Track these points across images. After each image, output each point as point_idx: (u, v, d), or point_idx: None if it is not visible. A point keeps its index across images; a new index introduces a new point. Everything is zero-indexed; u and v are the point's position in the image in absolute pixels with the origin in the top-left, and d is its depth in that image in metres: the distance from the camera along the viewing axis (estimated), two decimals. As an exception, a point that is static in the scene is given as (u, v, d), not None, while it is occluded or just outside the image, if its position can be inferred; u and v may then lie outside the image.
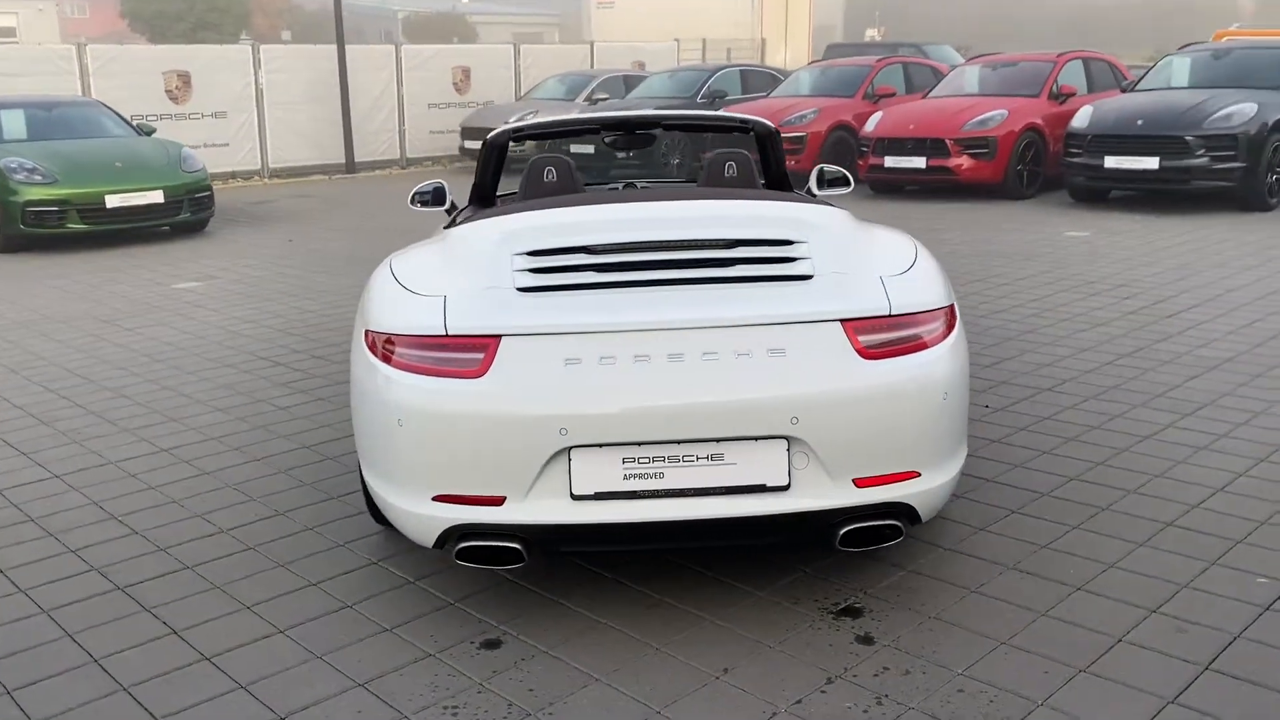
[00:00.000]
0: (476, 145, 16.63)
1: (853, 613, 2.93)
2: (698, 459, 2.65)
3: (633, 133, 4.79)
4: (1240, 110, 9.94)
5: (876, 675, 2.62)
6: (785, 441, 2.65)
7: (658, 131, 4.86)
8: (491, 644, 2.84)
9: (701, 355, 2.64)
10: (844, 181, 4.86)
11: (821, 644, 2.78)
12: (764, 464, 2.65)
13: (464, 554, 2.76)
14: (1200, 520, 3.42)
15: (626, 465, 2.65)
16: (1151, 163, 10.12)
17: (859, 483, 2.71)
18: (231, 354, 6.00)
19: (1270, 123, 9.95)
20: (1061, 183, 11.19)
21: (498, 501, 2.69)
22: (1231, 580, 3.02)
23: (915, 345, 2.77)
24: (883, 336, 2.74)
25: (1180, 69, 11.51)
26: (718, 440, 2.64)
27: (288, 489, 3.99)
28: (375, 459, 2.91)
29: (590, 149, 13.93)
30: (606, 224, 3.09)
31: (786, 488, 2.67)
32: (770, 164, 4.96)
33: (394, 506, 2.87)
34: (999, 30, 43.86)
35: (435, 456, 2.71)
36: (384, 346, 2.88)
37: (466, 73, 19.01)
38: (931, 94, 13.08)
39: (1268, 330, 5.69)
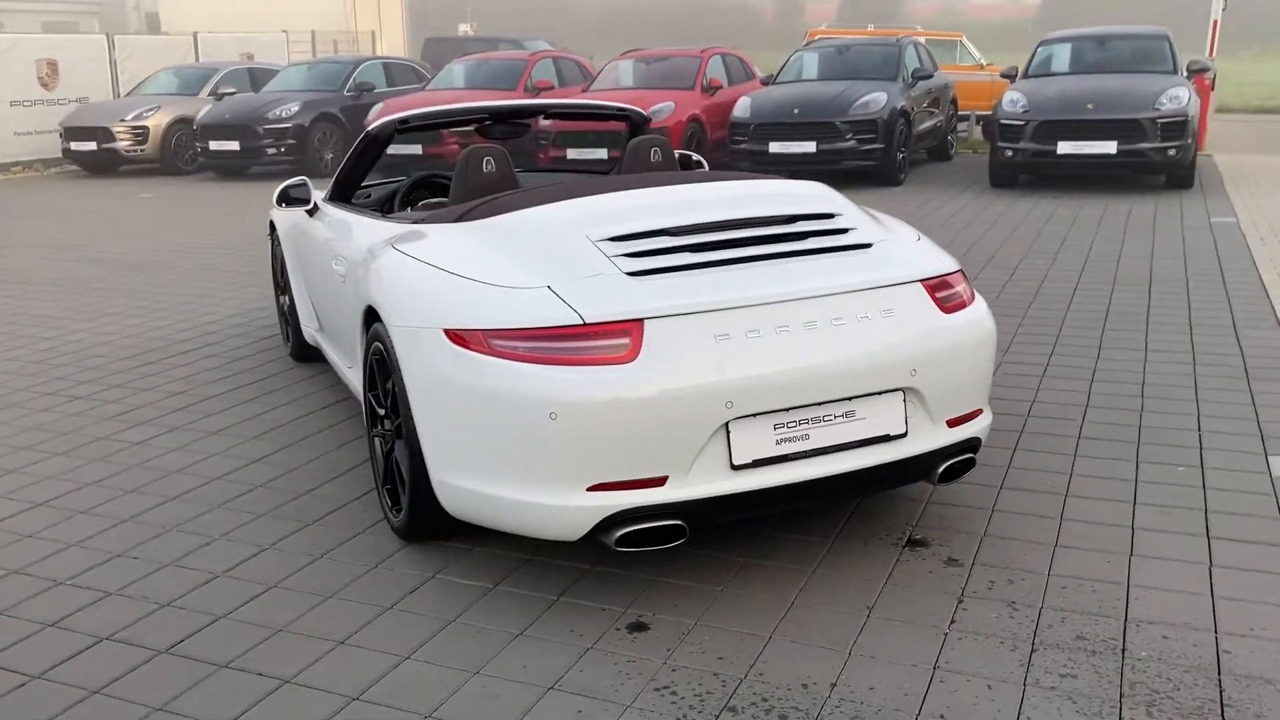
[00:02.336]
0: (86, 146, 14.94)
1: (921, 544, 3.28)
2: (835, 417, 2.86)
3: (511, 122, 4.80)
4: (875, 98, 11.47)
5: (991, 587, 2.99)
6: (902, 393, 2.94)
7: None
8: (637, 627, 2.86)
9: (830, 321, 2.85)
10: (700, 166, 5.20)
11: (922, 572, 3.10)
12: (887, 416, 2.92)
13: (625, 539, 2.76)
14: (1099, 432, 4.13)
15: (777, 431, 2.79)
16: (810, 147, 11.39)
17: (950, 423, 3.06)
18: None
19: (897, 108, 11.59)
20: (724, 169, 12.20)
21: (660, 482, 2.72)
22: (1163, 472, 3.74)
23: (966, 300, 3.16)
24: (947, 293, 3.10)
25: (810, 63, 13.01)
26: (850, 398, 2.86)
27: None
28: (510, 460, 2.79)
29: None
30: (669, 207, 3.17)
31: (905, 435, 2.96)
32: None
33: (534, 505, 2.78)
34: (575, 26, 46.03)
35: (593, 445, 2.68)
36: (494, 343, 2.78)
37: (54, 66, 16.94)
38: (592, 87, 13.69)
39: (1000, 281, 6.78)
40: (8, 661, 2.78)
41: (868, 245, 3.13)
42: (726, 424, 2.74)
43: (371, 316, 3.44)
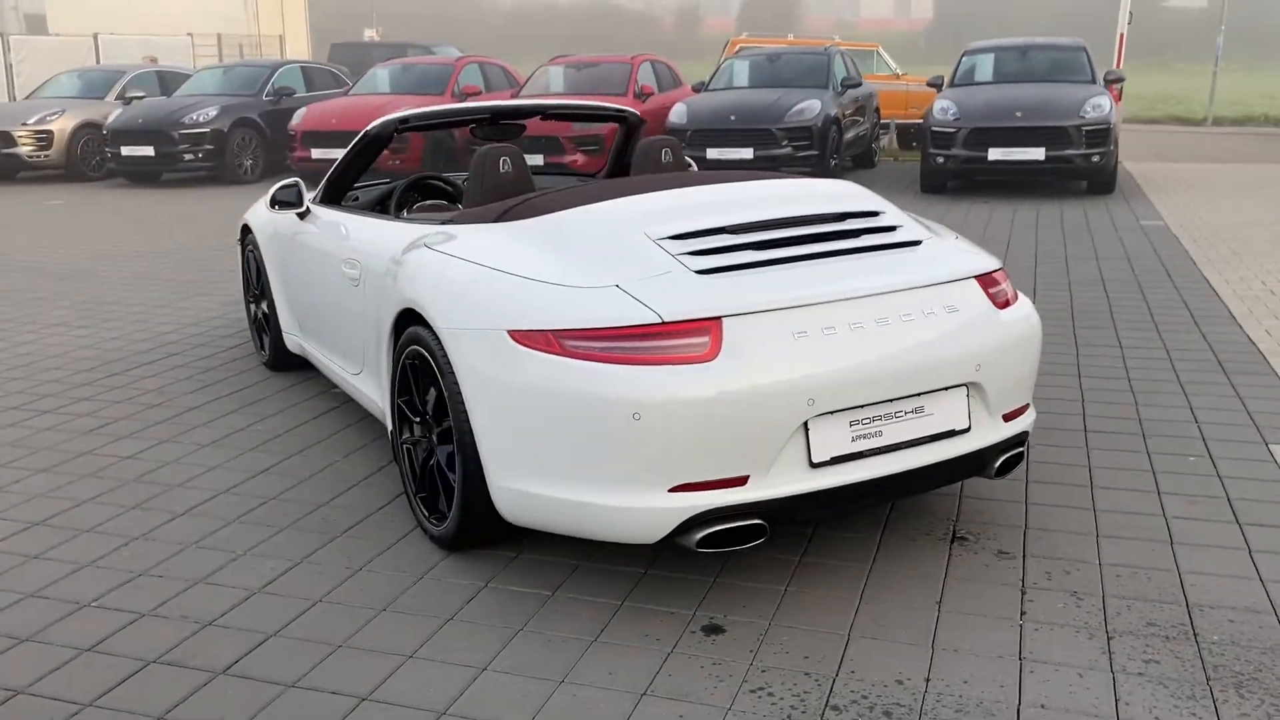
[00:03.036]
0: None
1: (966, 538, 3.31)
2: (905, 414, 2.87)
3: (505, 123, 4.73)
4: (809, 106, 11.65)
5: (1050, 578, 3.04)
6: (965, 388, 2.96)
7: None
8: (712, 629, 2.82)
9: (900, 318, 2.86)
10: (690, 168, 5.20)
11: (978, 565, 3.13)
12: (952, 411, 2.94)
13: (707, 540, 2.72)
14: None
15: (853, 428, 2.79)
16: (746, 153, 11.50)
17: (1005, 418, 3.10)
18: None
19: (830, 116, 11.78)
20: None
21: (741, 482, 2.69)
22: (1176, 463, 3.86)
23: (1010, 296, 3.21)
24: (995, 289, 3.14)
25: (741, 70, 13.14)
26: (920, 394, 2.88)
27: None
28: (585, 462, 2.72)
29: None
30: (721, 205, 3.15)
31: (968, 430, 2.99)
32: (626, 150, 5.15)
33: (611, 508, 2.72)
34: (477, 33, 45.65)
35: (677, 446, 2.63)
36: (566, 344, 2.72)
37: (-56, 67, 16.06)
38: (523, 93, 13.59)
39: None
40: (53, 689, 2.60)
41: (917, 243, 3.16)
42: (806, 422, 2.73)
43: (407, 319, 3.33)
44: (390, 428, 3.60)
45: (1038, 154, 10.64)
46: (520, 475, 2.87)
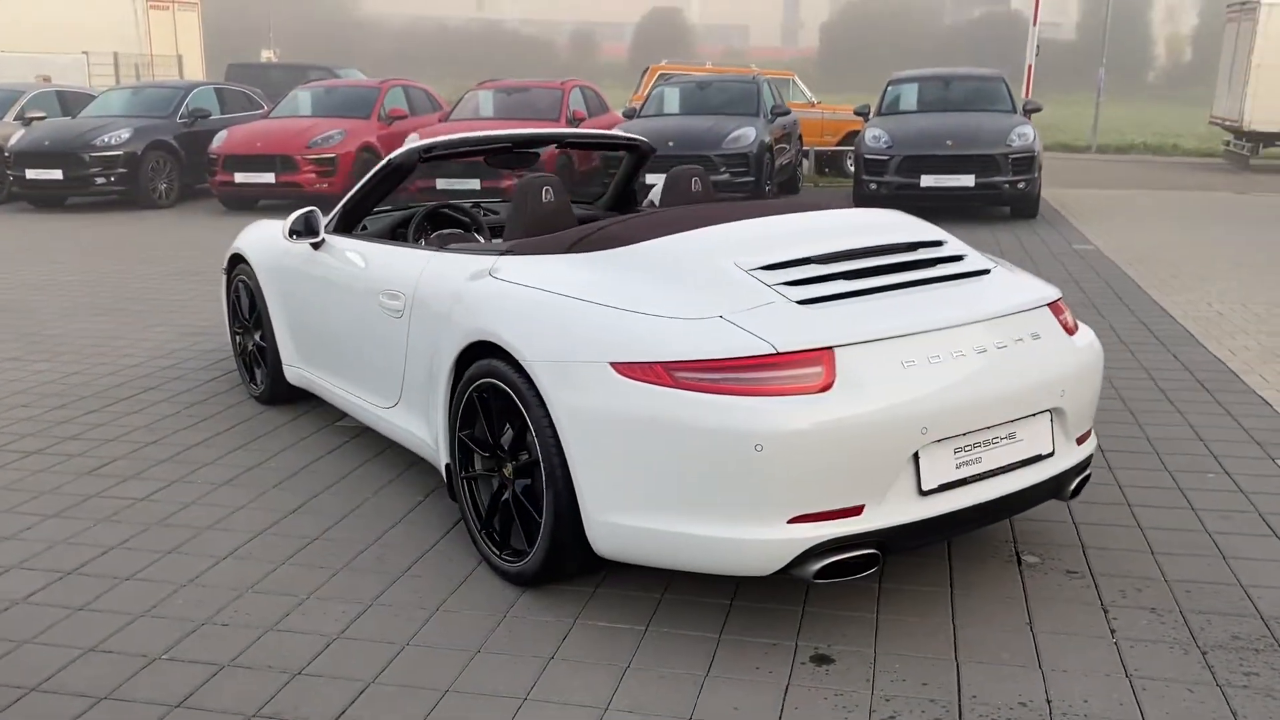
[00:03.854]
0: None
1: (1032, 558, 3.39)
2: (1001, 440, 2.93)
3: (521, 151, 4.69)
4: (745, 133, 11.83)
5: (1125, 595, 3.14)
6: (1049, 414, 3.04)
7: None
8: (820, 659, 2.82)
9: (995, 345, 2.93)
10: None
11: (1052, 585, 3.21)
12: (1038, 436, 3.02)
13: (825, 570, 2.72)
14: (1117, 445, 4.41)
15: (956, 455, 2.84)
16: (685, 178, 11.59)
17: (1078, 441, 3.20)
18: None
19: (765, 142, 11.98)
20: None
21: (857, 511, 2.71)
22: (1198, 480, 4.02)
23: (1073, 323, 3.31)
24: (1065, 317, 3.25)
25: (671, 97, 13.27)
26: (1013, 420, 2.94)
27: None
28: (699, 494, 2.70)
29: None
30: (799, 235, 3.18)
31: (1052, 454, 3.07)
32: (633, 179, 5.16)
33: (727, 540, 2.70)
34: (368, 55, 45.00)
35: (798, 476, 2.64)
36: (677, 375, 2.71)
37: None
38: (452, 117, 13.47)
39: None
40: (156, 751, 2.46)
41: (986, 271, 3.24)
42: (917, 450, 2.76)
43: (475, 351, 3.26)
44: (445, 462, 3.52)
45: (968, 181, 11.01)
46: (622, 508, 2.84)
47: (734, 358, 2.69)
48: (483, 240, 4.74)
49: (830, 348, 2.71)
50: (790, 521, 2.67)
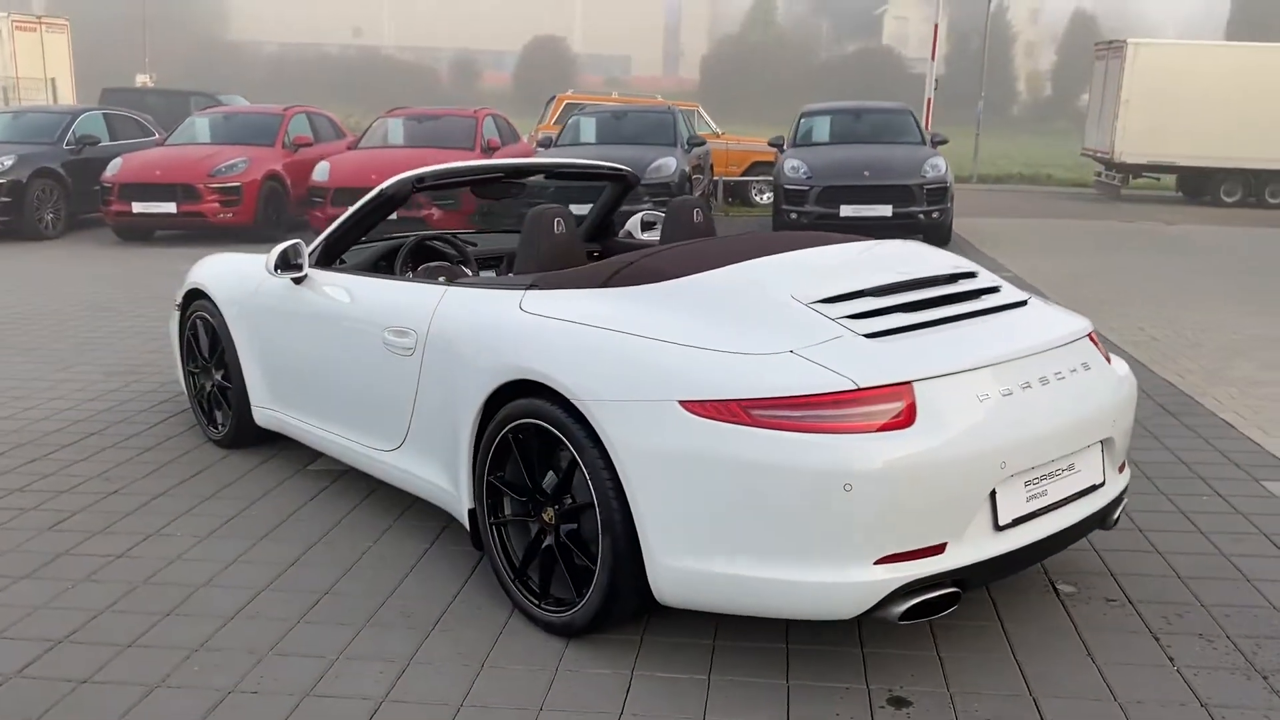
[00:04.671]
0: None
1: (1069, 587, 3.40)
2: (1063, 471, 2.92)
3: (507, 181, 4.56)
4: (666, 163, 11.83)
5: (1170, 623, 3.16)
6: (1100, 444, 3.05)
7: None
8: (898, 702, 2.75)
9: (1054, 376, 2.92)
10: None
11: (1096, 615, 3.22)
12: (1092, 466, 3.02)
13: (912, 611, 2.65)
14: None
15: (1027, 488, 2.81)
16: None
17: (1119, 470, 3.22)
18: None
19: (685, 171, 12.02)
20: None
21: (940, 549, 2.65)
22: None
23: (1104, 352, 3.35)
24: (1100, 347, 3.27)
25: (588, 127, 13.22)
26: (1073, 452, 2.94)
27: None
28: (779, 537, 2.60)
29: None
30: (848, 268, 3.13)
31: (1103, 484, 3.07)
32: (614, 209, 5.07)
33: (809, 584, 2.60)
34: (243, 80, 43.70)
35: (886, 516, 2.57)
36: (754, 413, 2.61)
37: None
38: (361, 144, 13.14)
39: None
40: (221, 841, 2.23)
41: (1024, 302, 3.25)
42: (994, 485, 2.73)
43: (509, 391, 3.11)
44: (469, 508, 3.34)
45: (885, 211, 11.24)
46: (691, 553, 2.72)
47: (814, 394, 2.61)
48: (470, 273, 4.57)
49: (909, 382, 2.66)
50: (877, 562, 2.60)
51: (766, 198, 16.61)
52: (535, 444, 3.07)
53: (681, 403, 2.70)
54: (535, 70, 65.94)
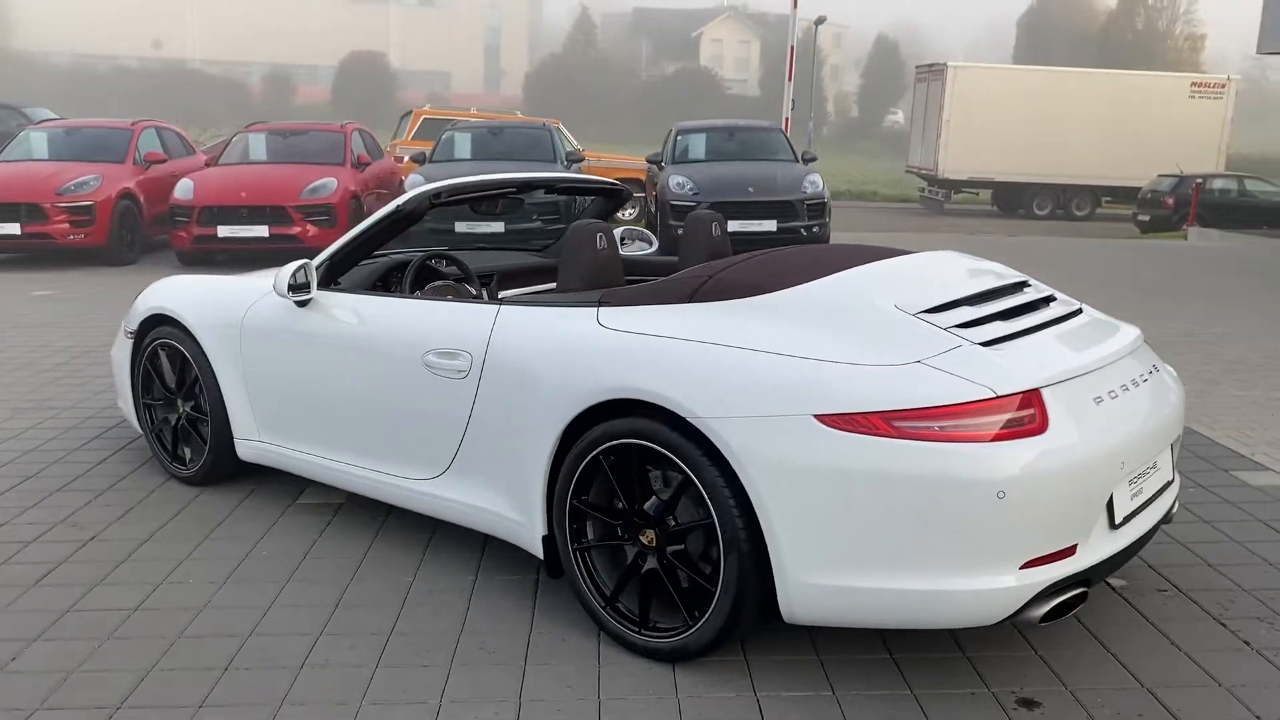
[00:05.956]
0: None
1: (1120, 582, 3.54)
2: (1150, 470, 3.03)
3: (516, 195, 4.45)
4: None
5: (1227, 609, 3.33)
6: (1171, 444, 3.20)
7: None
8: (1027, 703, 2.80)
9: (1140, 379, 3.05)
10: (649, 241, 5.15)
11: (1156, 605, 3.36)
12: (1166, 464, 3.15)
13: (1052, 613, 2.69)
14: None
15: (1131, 486, 2.91)
16: (498, 226, 11.35)
17: (1175, 469, 3.38)
18: None
19: (579, 204, 11.95)
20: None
21: (1072, 551, 2.71)
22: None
23: (1151, 358, 3.51)
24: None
25: (463, 143, 12.98)
26: (1159, 451, 3.06)
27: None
28: (933, 546, 2.59)
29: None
30: (933, 279, 3.17)
31: (1173, 481, 3.22)
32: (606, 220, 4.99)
33: (955, 593, 2.59)
34: (37, 92, 40.76)
35: (1033, 520, 2.60)
36: (897, 424, 2.61)
37: None
38: (222, 160, 12.47)
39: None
40: None
41: (1080, 310, 3.37)
42: (1114, 485, 2.81)
43: (600, 411, 2.99)
44: (542, 534, 3.20)
45: (771, 226, 11.49)
46: (828, 568, 2.68)
47: (956, 404, 2.62)
48: (473, 290, 4.40)
49: (1038, 389, 2.71)
50: (1022, 567, 2.63)
51: (629, 213, 16.71)
52: (634, 464, 2.96)
53: (817, 416, 2.67)
54: (354, 85, 64.26)
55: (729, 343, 2.88)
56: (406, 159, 14.93)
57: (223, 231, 11.02)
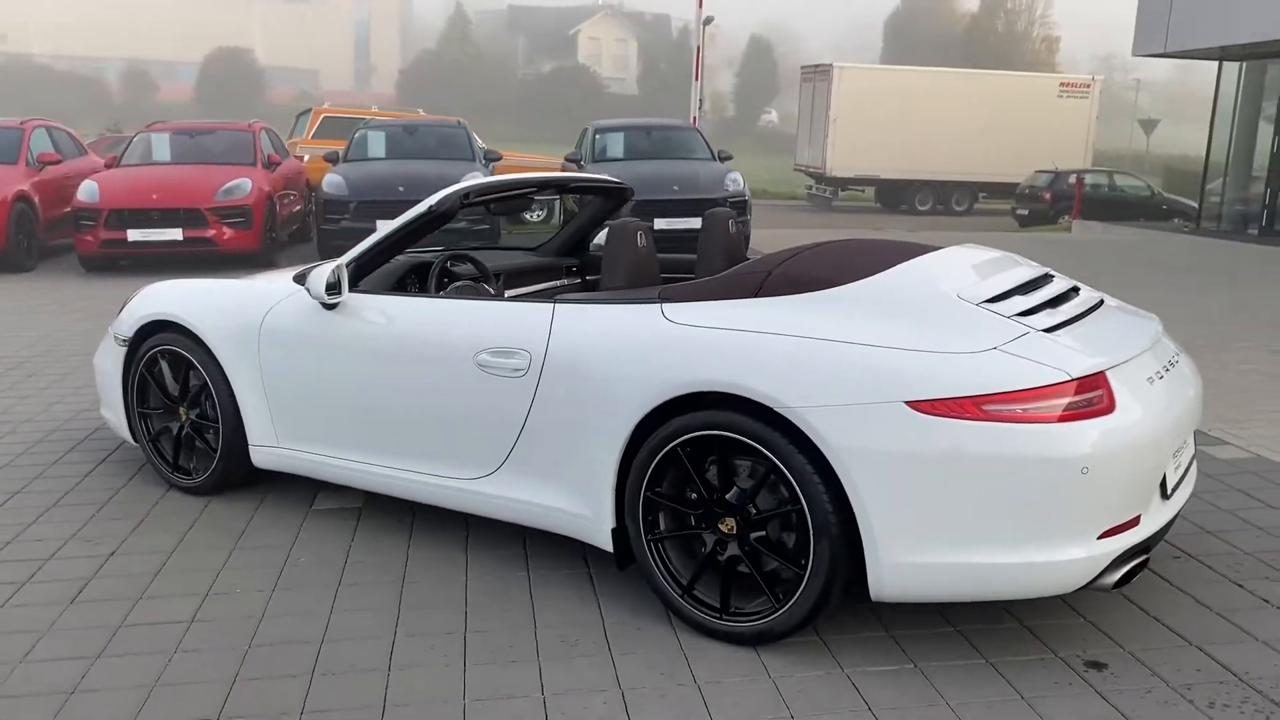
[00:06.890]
0: None
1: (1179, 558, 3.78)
2: (1183, 446, 3.27)
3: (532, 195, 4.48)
4: (472, 178, 11.64)
5: (1231, 594, 3.61)
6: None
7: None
8: (1095, 665, 2.99)
9: (1172, 364, 3.27)
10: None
11: (1185, 581, 3.61)
12: (1191, 442, 3.40)
13: (1124, 578, 2.88)
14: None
15: (1174, 459, 3.13)
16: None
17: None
18: None
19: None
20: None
21: (1137, 521, 2.91)
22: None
23: (1166, 345, 3.75)
24: (1164, 339, 3.68)
25: (376, 141, 12.75)
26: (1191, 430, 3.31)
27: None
28: (1016, 522, 2.75)
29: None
30: (982, 270, 3.33)
31: (1194, 458, 3.46)
32: (601, 224, 5.05)
33: (1041, 564, 2.75)
34: None
35: (1111, 493, 2.79)
36: (986, 408, 2.76)
37: None
38: (124, 161, 11.96)
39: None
40: None
41: (1103, 301, 3.59)
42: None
43: (673, 406, 3.06)
44: (610, 526, 3.25)
45: (695, 224, 11.58)
46: (921, 548, 2.81)
47: (1037, 386, 2.79)
48: (491, 289, 4.39)
49: (1104, 371, 2.90)
50: (1099, 537, 2.82)
51: (537, 215, 16.67)
52: (716, 455, 3.04)
53: (909, 403, 2.79)
54: (219, 83, 62.17)
55: (809, 334, 2.98)
56: (307, 158, 14.63)
57: (133, 235, 10.60)
